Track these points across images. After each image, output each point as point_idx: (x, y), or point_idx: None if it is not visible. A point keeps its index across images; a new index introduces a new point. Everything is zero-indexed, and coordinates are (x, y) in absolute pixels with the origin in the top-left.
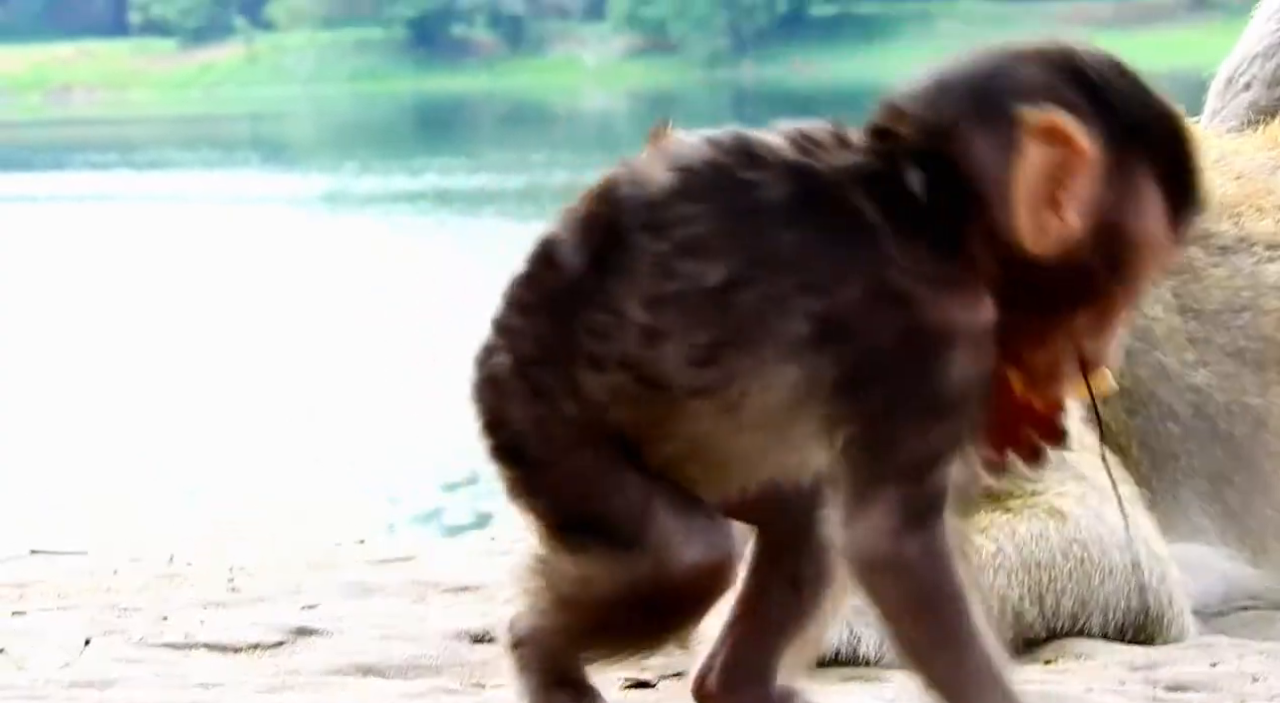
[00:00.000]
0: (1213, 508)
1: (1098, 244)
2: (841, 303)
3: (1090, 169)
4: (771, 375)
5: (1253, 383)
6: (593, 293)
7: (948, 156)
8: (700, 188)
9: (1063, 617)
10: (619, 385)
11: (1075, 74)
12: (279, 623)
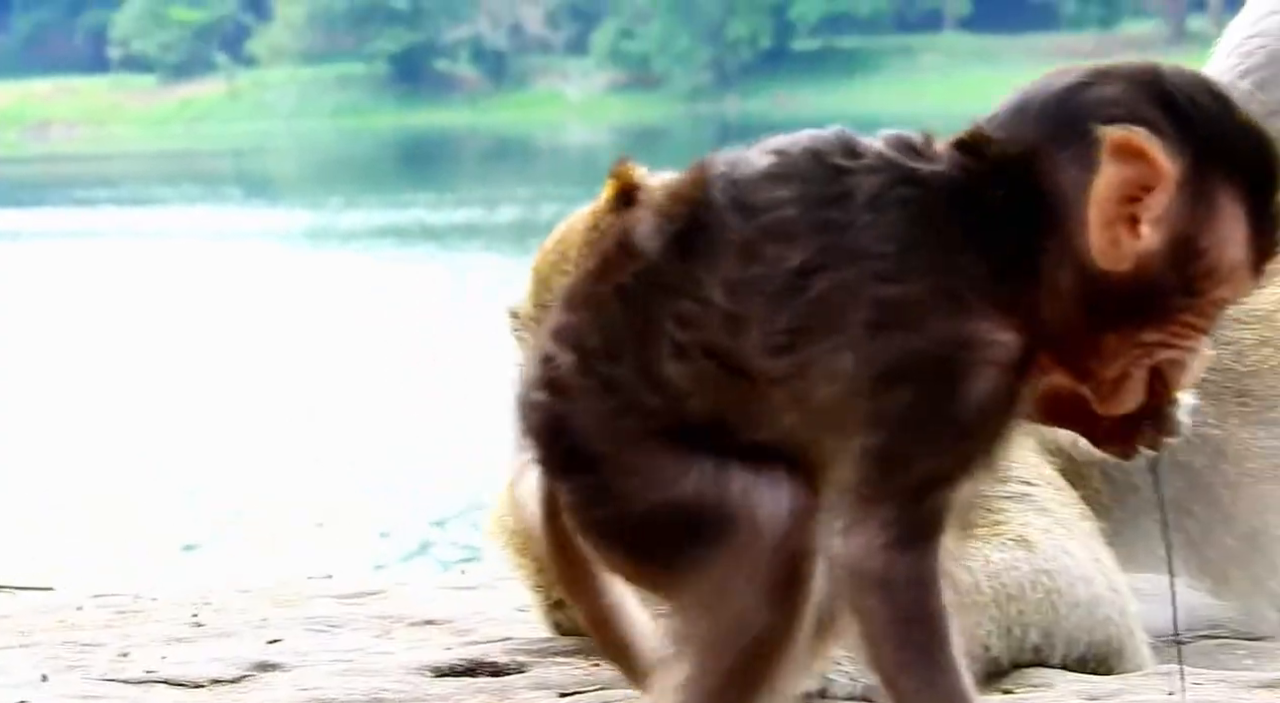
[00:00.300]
0: (1174, 538)
1: (1174, 263)
2: (905, 295)
3: (1168, 187)
4: (835, 363)
5: (1211, 414)
6: (674, 278)
7: (1028, 173)
8: (794, 173)
9: (1027, 649)
10: (704, 373)
11: (1159, 93)
12: (241, 658)
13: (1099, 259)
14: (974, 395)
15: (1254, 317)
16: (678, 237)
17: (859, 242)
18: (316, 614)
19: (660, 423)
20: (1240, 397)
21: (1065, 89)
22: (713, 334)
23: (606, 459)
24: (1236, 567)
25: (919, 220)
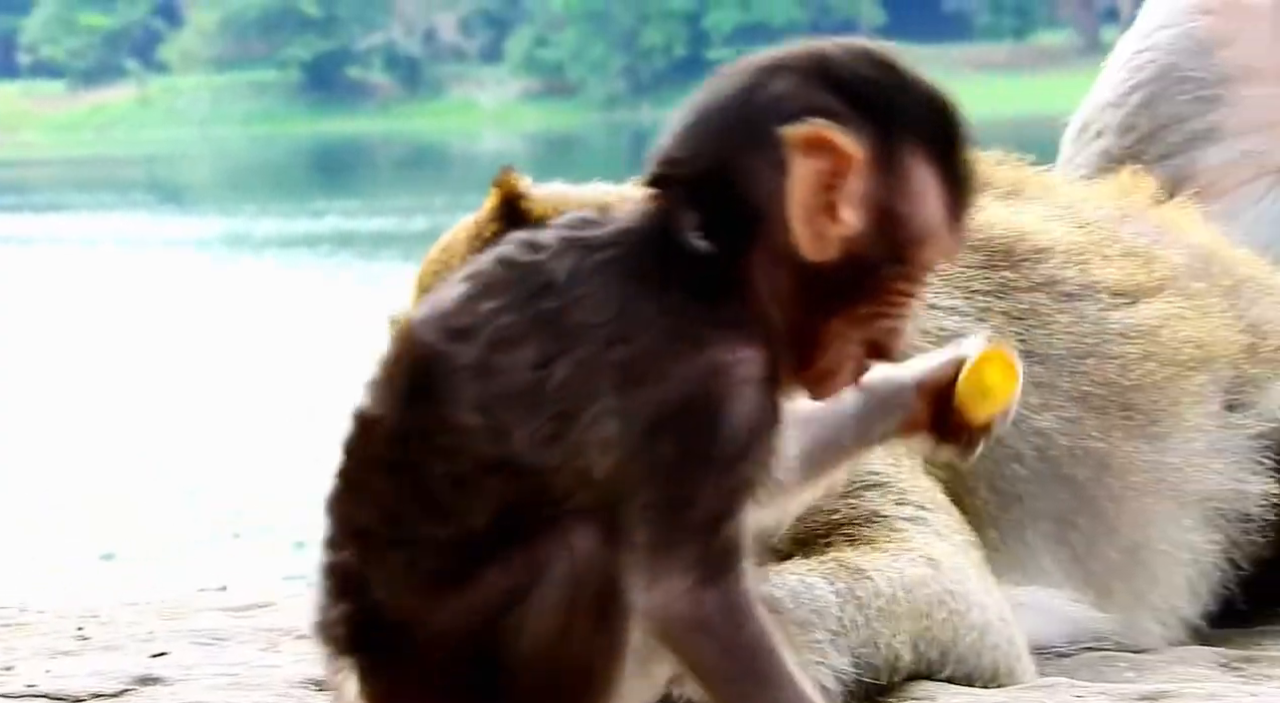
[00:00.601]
0: (1058, 551)
1: (879, 237)
2: (639, 351)
3: (858, 169)
4: (602, 433)
5: (1096, 427)
6: (421, 424)
7: (723, 189)
8: (493, 285)
9: (924, 664)
10: (489, 489)
11: (829, 78)
12: (124, 672)
13: (808, 253)
14: (737, 419)
15: (1138, 332)
16: (407, 390)
17: (577, 319)
18: (204, 627)
19: (453, 552)
20: (1125, 410)
21: (739, 94)
22: (482, 452)
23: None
24: (1119, 580)
25: (622, 278)
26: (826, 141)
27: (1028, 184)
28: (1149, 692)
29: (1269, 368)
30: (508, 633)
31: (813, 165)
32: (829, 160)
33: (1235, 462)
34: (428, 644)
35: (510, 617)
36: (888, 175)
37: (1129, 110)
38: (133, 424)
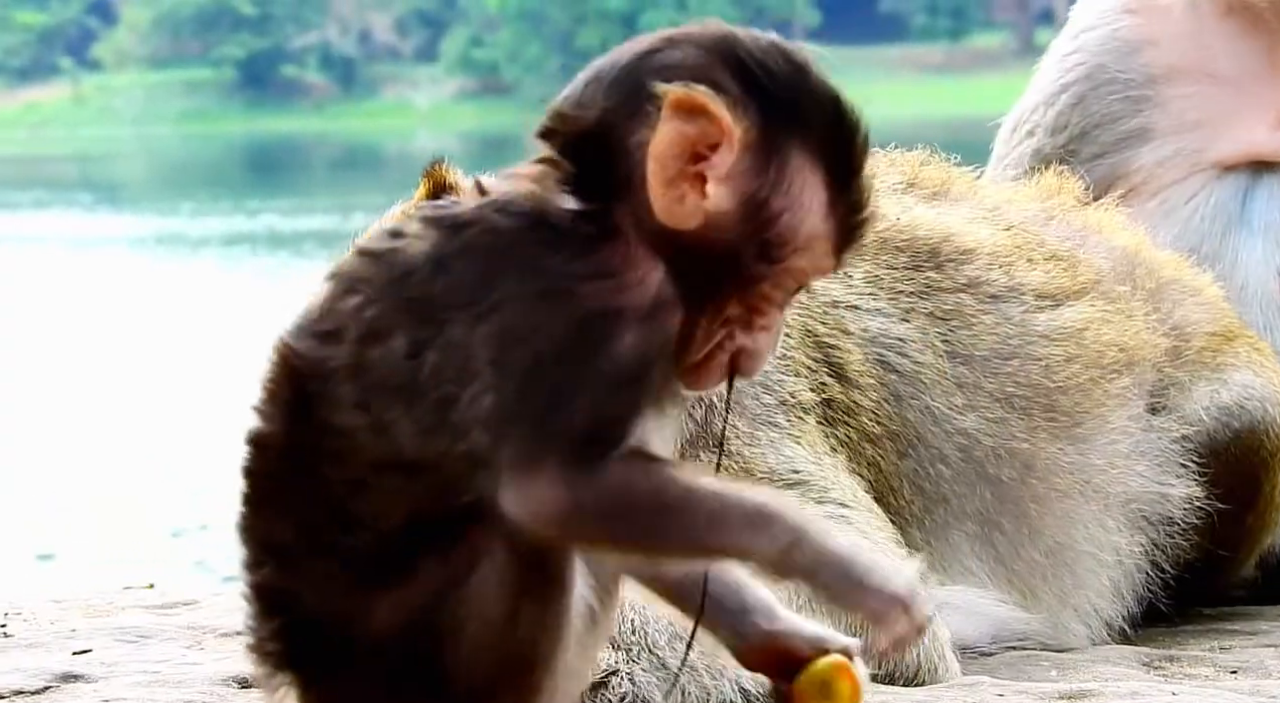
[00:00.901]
0: (983, 551)
1: (747, 225)
2: (509, 322)
3: (732, 144)
4: (483, 409)
5: (1020, 428)
6: (310, 435)
7: (601, 144)
8: (355, 281)
9: None
10: (388, 486)
11: (729, 57)
12: (46, 669)
13: (664, 217)
14: (617, 355)
15: (1063, 334)
16: (290, 403)
17: (445, 301)
18: (128, 625)
19: (371, 554)
20: (1049, 412)
21: (634, 57)
22: (374, 451)
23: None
24: (1043, 581)
25: (488, 251)
26: (703, 108)
27: (953, 185)
28: (1071, 691)
29: (1192, 371)
30: (447, 628)
31: (683, 128)
32: (703, 128)
33: (1158, 464)
34: (366, 650)
35: (448, 611)
36: (766, 165)
37: (1060, 110)
38: (70, 423)
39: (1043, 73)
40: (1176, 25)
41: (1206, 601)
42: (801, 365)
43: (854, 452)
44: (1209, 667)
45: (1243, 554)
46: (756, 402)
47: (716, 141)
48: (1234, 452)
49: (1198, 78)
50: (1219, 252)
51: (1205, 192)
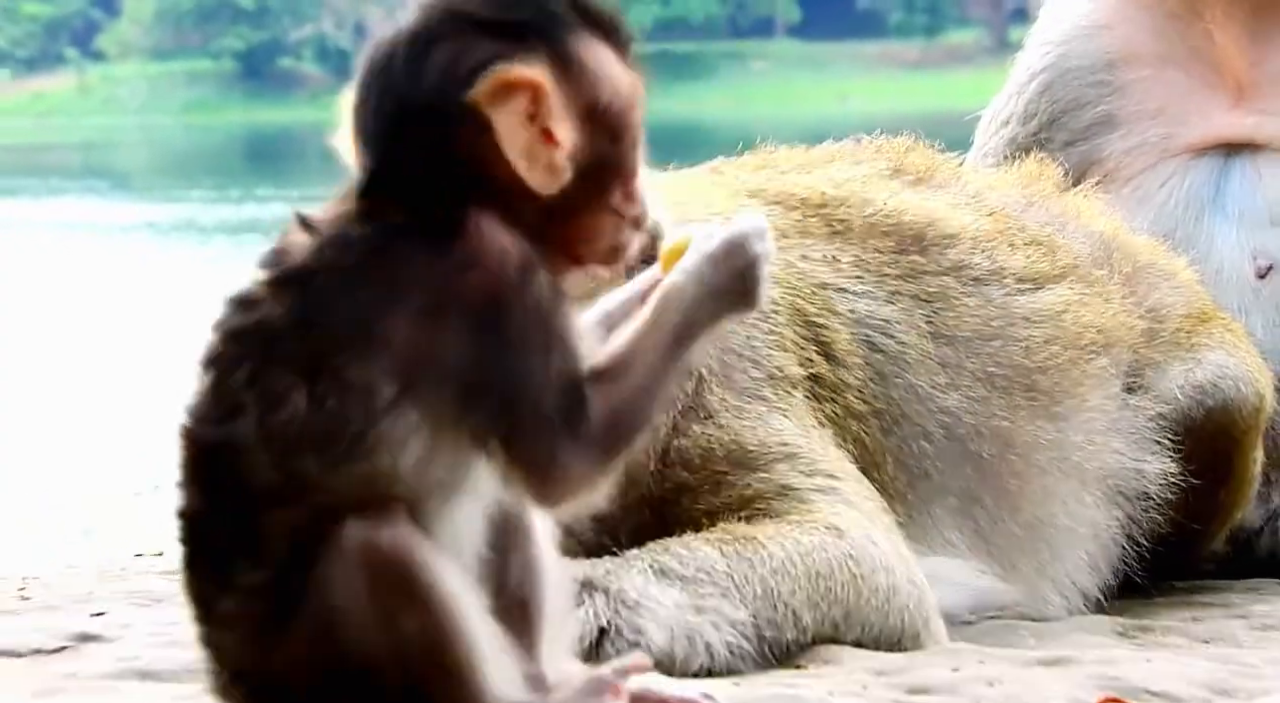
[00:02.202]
0: (964, 524)
1: (598, 130)
2: (401, 340)
3: (544, 90)
4: (407, 421)
5: (1001, 406)
6: (227, 500)
7: (434, 171)
8: (231, 361)
9: (827, 623)
10: (285, 518)
11: (472, 21)
12: (64, 630)
13: (543, 186)
14: (527, 329)
15: (1042, 316)
16: (202, 482)
17: (324, 347)
18: (141, 589)
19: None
20: (1028, 391)
21: (409, 79)
22: (287, 496)
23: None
24: (1022, 554)
25: (343, 288)
26: (506, 83)
27: (937, 171)
28: (1049, 658)
29: (1167, 351)
30: (342, 655)
31: (509, 109)
32: (520, 98)
33: (1134, 441)
34: (290, 692)
35: (333, 639)
36: (573, 76)
37: (1029, 97)
38: (81, 399)
39: (1017, 64)
40: (1123, 10)
41: (1180, 573)
42: (790, 342)
43: (840, 427)
44: (1182, 637)
45: (1215, 528)
46: (745, 376)
47: (540, 97)
48: (1207, 429)
49: (1151, 62)
50: (1193, 236)
51: (1178, 177)
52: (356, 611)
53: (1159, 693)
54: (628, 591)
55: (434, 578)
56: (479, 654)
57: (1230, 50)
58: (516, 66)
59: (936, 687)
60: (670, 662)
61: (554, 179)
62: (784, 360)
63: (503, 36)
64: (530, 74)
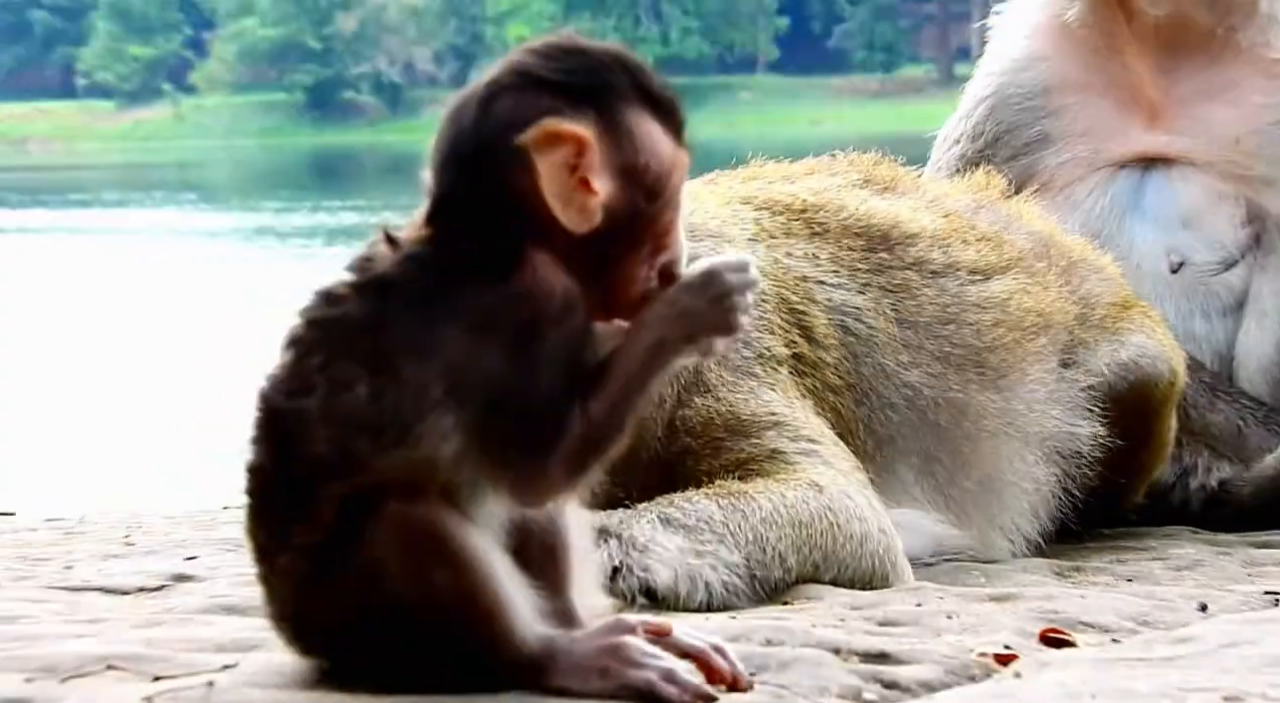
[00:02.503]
0: (924, 481)
1: (632, 188)
2: (452, 355)
3: (589, 144)
4: (443, 425)
5: (955, 381)
6: (287, 461)
7: (493, 207)
8: (311, 346)
9: (809, 565)
10: (336, 489)
11: (538, 81)
12: (162, 571)
13: (575, 227)
14: (551, 345)
15: (991, 303)
16: (270, 441)
17: (392, 350)
18: (229, 536)
19: (314, 552)
20: (979, 367)
21: (475, 127)
22: (334, 466)
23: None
24: (974, 505)
25: (417, 302)
26: (554, 135)
27: (900, 181)
28: (998, 594)
29: (1096, 333)
30: (381, 605)
31: (552, 157)
32: (565, 148)
33: (1069, 409)
34: (336, 635)
35: (373, 592)
36: (618, 137)
37: (976, 120)
38: (178, 380)
39: (966, 92)
40: (1055, 45)
41: (1107, 521)
42: (776, 326)
43: (819, 399)
44: (1109, 576)
45: (1136, 483)
46: (738, 355)
47: (582, 150)
48: (1130, 399)
49: (1078, 89)
50: (1116, 237)
51: (1102, 187)
52: (394, 569)
53: (1092, 624)
54: (637, 536)
55: (462, 541)
56: (505, 600)
57: (1145, 80)
58: (565, 121)
59: (903, 619)
60: (674, 598)
61: (584, 220)
62: (771, 342)
63: (561, 95)
64: (576, 128)
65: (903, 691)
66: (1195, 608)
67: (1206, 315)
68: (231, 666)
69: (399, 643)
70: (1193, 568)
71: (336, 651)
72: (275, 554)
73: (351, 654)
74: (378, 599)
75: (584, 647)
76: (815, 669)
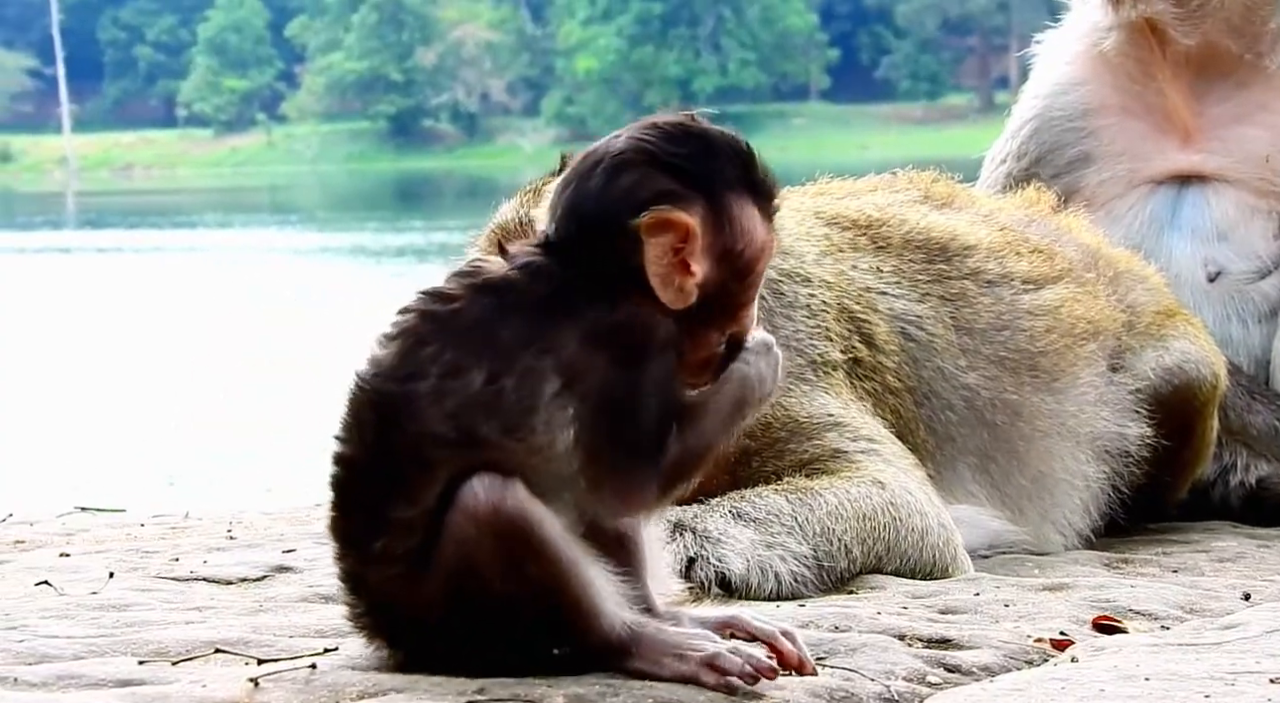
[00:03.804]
0: (981, 478)
1: (725, 271)
2: (567, 358)
3: (695, 232)
4: (560, 417)
5: (1011, 384)
6: (394, 441)
7: (599, 258)
8: (423, 337)
9: (873, 556)
10: (446, 463)
11: (662, 164)
12: (264, 563)
13: (672, 304)
14: (651, 379)
15: (1044, 309)
16: (371, 429)
17: (507, 344)
18: (323, 531)
19: (414, 540)
20: (1032, 371)
21: (599, 192)
22: (448, 440)
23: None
24: (1029, 501)
25: (532, 310)
26: (668, 222)
27: (957, 197)
28: (1052, 584)
29: (1142, 339)
30: (474, 595)
31: (662, 242)
32: (673, 233)
33: (1118, 411)
34: (424, 620)
35: (466, 582)
36: (721, 226)
37: (1021, 140)
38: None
39: (1011, 115)
40: (1094, 72)
41: (1152, 516)
42: (834, 333)
43: (878, 401)
44: (1156, 567)
45: (1180, 481)
46: (791, 362)
47: (687, 237)
48: (1174, 402)
49: (1116, 112)
50: (1155, 249)
51: (1141, 203)
52: (485, 561)
53: (1142, 612)
54: (711, 529)
55: (547, 533)
56: (592, 588)
57: (1178, 103)
58: (677, 209)
59: (963, 607)
60: (746, 587)
61: (681, 299)
62: (826, 348)
63: (677, 178)
64: (685, 218)
65: (965, 674)
66: (1239, 597)
67: (1243, 322)
68: (332, 650)
69: (487, 627)
70: (1235, 560)
71: (424, 635)
72: (370, 540)
73: (438, 639)
74: (469, 583)
75: (663, 632)
76: (881, 654)
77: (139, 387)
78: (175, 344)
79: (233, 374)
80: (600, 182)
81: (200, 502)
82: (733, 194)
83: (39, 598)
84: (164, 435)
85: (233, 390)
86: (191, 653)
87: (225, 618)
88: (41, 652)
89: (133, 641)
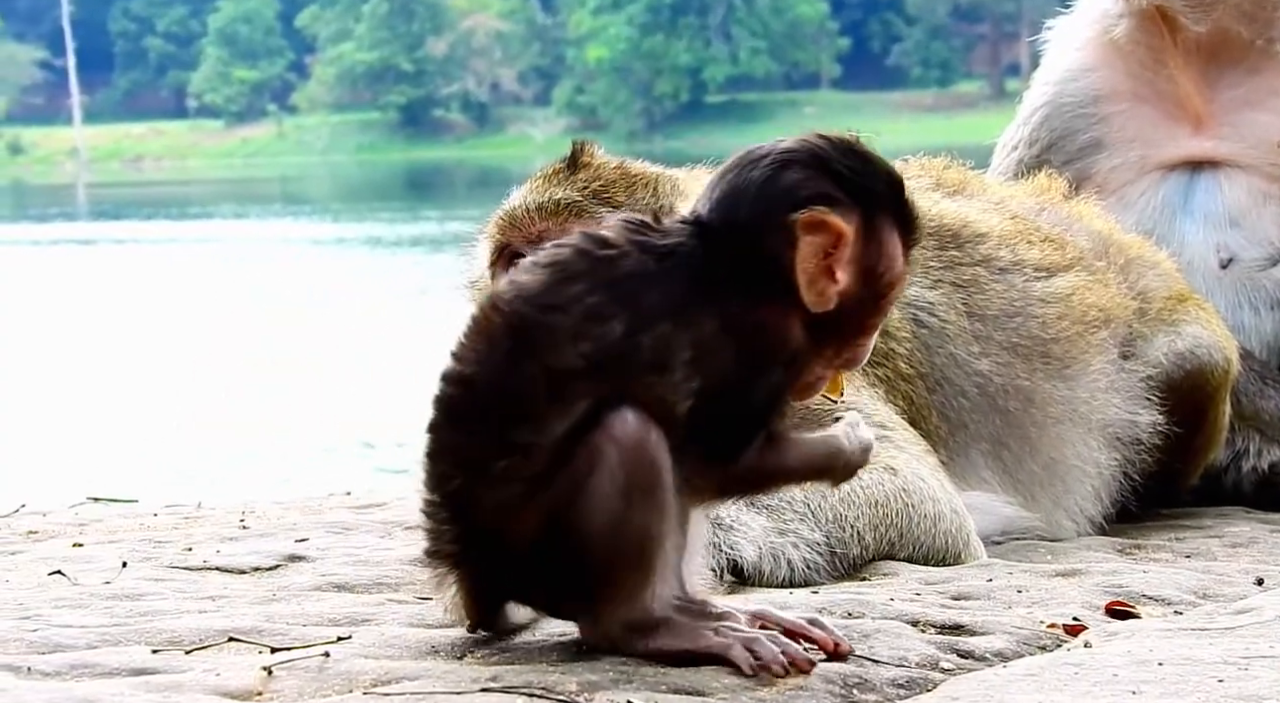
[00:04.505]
0: (994, 465)
1: (864, 288)
2: (703, 335)
3: (848, 240)
4: (687, 383)
5: (1023, 370)
6: (527, 367)
7: (750, 248)
8: (574, 273)
9: (885, 543)
10: (584, 391)
11: (825, 169)
12: (276, 552)
13: (812, 305)
14: (773, 379)
15: (1056, 297)
16: (509, 347)
17: (653, 305)
18: (335, 520)
19: (531, 469)
20: (1044, 358)
21: (763, 182)
22: (584, 377)
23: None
24: (1041, 488)
25: (682, 280)
26: (823, 223)
27: (969, 184)
28: (1065, 570)
29: (1153, 325)
30: (577, 521)
31: (815, 241)
32: (827, 236)
33: (1129, 398)
34: (513, 549)
35: (578, 506)
36: (870, 242)
37: (1032, 127)
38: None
39: (1023, 101)
40: (1105, 58)
41: (1165, 502)
42: None
43: (891, 387)
44: (1169, 553)
45: (1192, 467)
46: None
47: (840, 243)
48: (1186, 388)
49: (1128, 98)
50: (1167, 235)
51: (1153, 189)
52: (605, 490)
53: (1155, 597)
54: (723, 516)
55: (667, 482)
56: (664, 562)
57: (1189, 90)
58: (836, 214)
59: (976, 593)
60: (759, 574)
61: (821, 302)
62: None
63: (840, 185)
64: (841, 224)
65: (978, 659)
66: (1252, 582)
67: (1255, 308)
68: (345, 638)
69: (565, 564)
70: (1248, 545)
71: (508, 567)
72: (489, 462)
73: (521, 570)
74: (577, 511)
75: (692, 619)
76: (895, 640)
77: (151, 378)
78: (189, 335)
79: (246, 366)
80: (765, 173)
81: (214, 492)
82: (885, 217)
83: (52, 588)
84: (176, 426)
85: (245, 383)
86: (205, 642)
87: (238, 607)
88: (55, 641)
89: (146, 630)
